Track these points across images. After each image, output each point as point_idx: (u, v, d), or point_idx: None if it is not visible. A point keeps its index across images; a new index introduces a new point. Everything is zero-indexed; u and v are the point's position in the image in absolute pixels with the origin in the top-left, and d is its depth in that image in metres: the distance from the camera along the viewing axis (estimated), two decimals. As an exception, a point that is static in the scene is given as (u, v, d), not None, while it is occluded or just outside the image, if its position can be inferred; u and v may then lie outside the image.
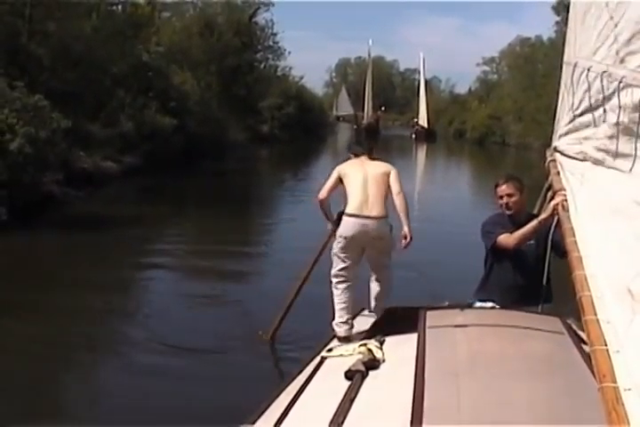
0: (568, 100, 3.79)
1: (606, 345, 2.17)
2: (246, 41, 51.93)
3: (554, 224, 4.40)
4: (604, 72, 3.20)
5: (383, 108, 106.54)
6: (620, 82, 3.01)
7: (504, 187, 5.40)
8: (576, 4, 3.81)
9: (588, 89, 3.40)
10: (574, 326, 3.67)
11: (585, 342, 3.00)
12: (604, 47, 3.26)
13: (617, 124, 3.04)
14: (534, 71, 53.87)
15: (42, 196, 15.18)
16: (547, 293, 5.18)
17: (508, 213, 5.40)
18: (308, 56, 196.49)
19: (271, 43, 56.35)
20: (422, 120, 75.06)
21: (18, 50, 19.54)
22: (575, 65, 3.62)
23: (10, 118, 14.19)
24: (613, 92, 3.11)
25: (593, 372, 2.14)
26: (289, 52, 58.74)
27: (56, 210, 15.50)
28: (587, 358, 2.85)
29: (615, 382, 1.99)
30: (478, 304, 5.36)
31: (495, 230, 5.34)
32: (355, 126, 76.78)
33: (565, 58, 3.91)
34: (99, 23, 26.80)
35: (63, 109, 17.33)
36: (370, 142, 7.91)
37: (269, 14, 55.55)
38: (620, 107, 3.02)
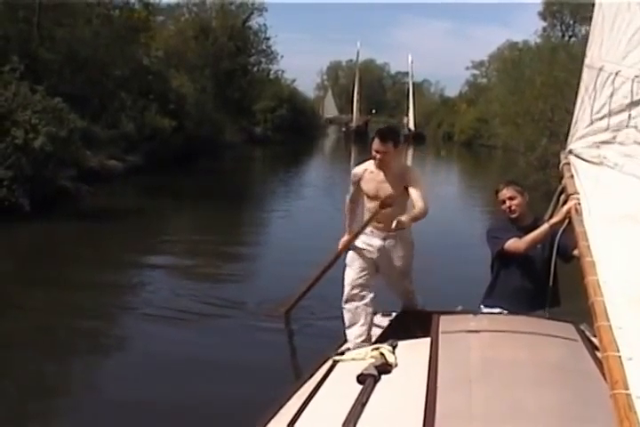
0: (588, 104, 3.73)
1: (619, 352, 2.13)
2: (240, 45, 53.20)
3: (562, 228, 4.47)
4: (637, 77, 3.19)
5: (374, 111, 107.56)
6: None
7: (505, 191, 5.39)
8: (603, 8, 3.75)
9: (613, 93, 3.38)
10: (588, 333, 3.64)
11: (599, 349, 2.82)
12: (636, 52, 3.26)
13: None
14: (520, 75, 54.87)
15: (58, 190, 16.43)
16: (554, 297, 5.15)
17: (512, 216, 5.37)
18: (300, 59, 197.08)
19: (264, 47, 57.34)
20: (410, 123, 76.20)
21: (30, 55, 20.73)
22: (601, 69, 3.56)
23: (33, 119, 15.56)
24: None
25: (606, 379, 2.09)
26: (282, 56, 59.67)
27: (70, 203, 16.68)
28: (600, 365, 2.72)
29: (628, 389, 1.95)
30: (485, 311, 5.36)
31: (502, 235, 5.29)
32: (343, 129, 77.60)
33: (587, 61, 3.85)
34: (100, 28, 27.87)
35: (71, 111, 18.65)
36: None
37: (262, 19, 56.80)
38: None
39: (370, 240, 6.43)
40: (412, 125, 75.80)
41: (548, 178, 24.12)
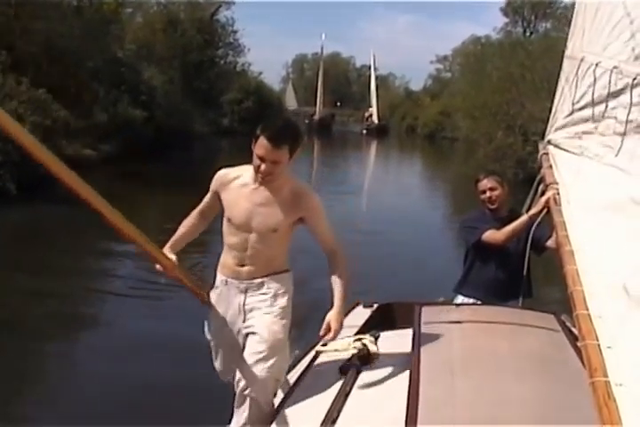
0: (569, 94, 3.69)
1: (597, 340, 2.15)
2: (208, 38, 53.80)
3: (537, 220, 4.47)
4: (615, 68, 3.14)
5: (339, 104, 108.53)
6: (635, 79, 2.99)
7: (485, 181, 5.30)
8: (585, 0, 3.72)
9: (593, 84, 3.34)
10: (568, 324, 3.68)
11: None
12: (616, 43, 3.21)
13: (627, 121, 3.01)
14: (482, 70, 55.63)
15: (41, 176, 17.34)
16: (528, 288, 5.12)
17: (491, 207, 5.29)
18: (267, 51, 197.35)
19: (232, 40, 58.20)
20: (374, 116, 77.23)
21: (10, 47, 21.48)
22: (582, 59, 3.53)
23: (19, 109, 16.46)
24: (623, 89, 3.08)
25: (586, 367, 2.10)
26: (249, 49, 60.52)
27: (51, 188, 17.63)
28: (580, 354, 2.71)
29: (607, 377, 1.97)
30: (460, 299, 5.34)
31: (479, 226, 5.21)
32: (306, 121, 77.52)
33: (568, 52, 3.81)
34: (73, 20, 28.48)
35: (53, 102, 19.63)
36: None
37: (230, 12, 57.63)
38: (631, 104, 3.01)
39: (225, 294, 4.04)
40: (375, 118, 76.67)
41: (504, 169, 25.55)
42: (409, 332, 3.43)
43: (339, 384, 2.91)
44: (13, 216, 15.14)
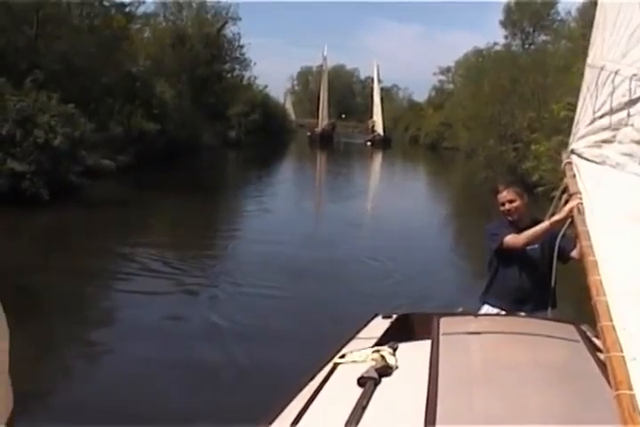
0: (590, 103, 3.67)
1: (622, 352, 2.12)
2: (215, 53, 55.83)
3: (563, 230, 4.39)
4: (634, 75, 3.13)
5: (343, 116, 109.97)
6: None
7: (504, 193, 5.18)
8: (605, 7, 3.68)
9: (613, 92, 3.33)
10: (589, 334, 3.61)
11: (600, 350, 2.89)
12: (635, 50, 3.20)
13: None
14: (481, 82, 56.37)
15: (69, 183, 19.23)
16: (552, 298, 5.05)
17: (510, 219, 5.19)
18: (272, 63, 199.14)
19: (238, 54, 60.37)
20: (378, 127, 78.38)
21: (35, 66, 23.10)
22: (602, 68, 3.51)
23: (51, 122, 18.25)
24: None
25: (608, 380, 2.07)
26: (254, 63, 62.66)
27: (78, 195, 19.53)
28: (602, 365, 2.76)
29: (632, 389, 1.94)
30: (485, 308, 5.28)
31: (500, 233, 5.12)
32: (308, 133, 77.11)
33: (589, 60, 3.79)
34: (88, 38, 30.02)
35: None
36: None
37: (236, 28, 59.31)
38: None
39: None
40: (380, 130, 77.67)
41: (496, 175, 27.16)
42: (427, 343, 3.40)
43: (356, 396, 2.83)
44: (49, 218, 17.05)
